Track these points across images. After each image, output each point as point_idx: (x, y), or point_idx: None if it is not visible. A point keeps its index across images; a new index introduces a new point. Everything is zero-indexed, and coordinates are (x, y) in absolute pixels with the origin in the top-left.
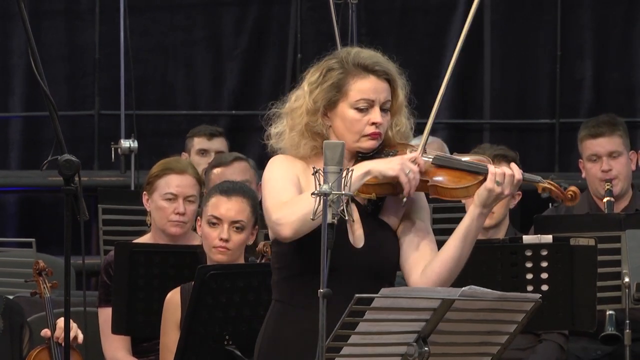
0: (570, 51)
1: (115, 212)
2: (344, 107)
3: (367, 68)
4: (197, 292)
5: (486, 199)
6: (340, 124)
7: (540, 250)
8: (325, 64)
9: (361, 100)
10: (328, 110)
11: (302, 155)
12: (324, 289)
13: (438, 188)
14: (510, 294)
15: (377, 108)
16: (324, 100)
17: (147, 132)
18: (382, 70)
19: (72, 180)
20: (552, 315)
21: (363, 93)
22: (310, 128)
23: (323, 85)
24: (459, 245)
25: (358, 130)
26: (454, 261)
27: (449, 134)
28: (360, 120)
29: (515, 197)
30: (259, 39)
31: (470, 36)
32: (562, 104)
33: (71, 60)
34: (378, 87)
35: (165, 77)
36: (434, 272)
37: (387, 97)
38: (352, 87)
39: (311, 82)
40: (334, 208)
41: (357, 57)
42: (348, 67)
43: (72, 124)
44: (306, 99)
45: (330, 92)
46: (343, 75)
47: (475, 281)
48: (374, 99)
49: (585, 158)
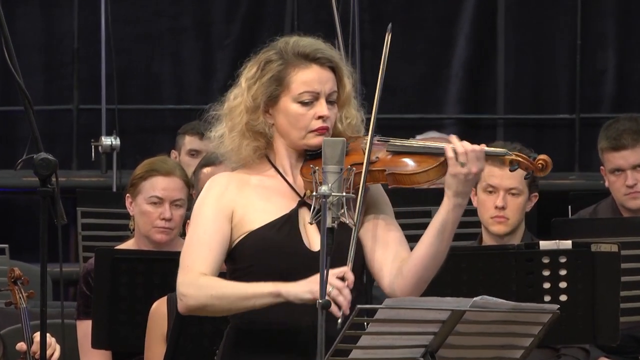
0: (591, 40)
1: (96, 216)
2: (286, 101)
3: (308, 56)
4: None
5: (457, 186)
6: (284, 120)
7: (558, 257)
8: (262, 56)
9: (305, 93)
10: (269, 106)
11: (245, 158)
12: (323, 299)
13: (396, 176)
14: (526, 305)
15: (322, 100)
16: (264, 95)
17: (131, 129)
18: (325, 58)
19: (48, 181)
20: (572, 327)
21: (306, 84)
22: (251, 127)
23: (262, 80)
24: (435, 241)
25: (304, 126)
26: (431, 259)
27: (459, 131)
28: (305, 115)
29: (532, 199)
30: (252, 26)
31: (482, 23)
32: (582, 98)
33: (47, 50)
34: (322, 76)
35: (150, 68)
36: (410, 272)
37: (332, 87)
38: (294, 79)
39: (249, 77)
40: (334, 211)
41: (296, 45)
42: (288, 58)
43: (48, 119)
44: (244, 96)
45: (270, 86)
46: (283, 67)
47: (488, 291)
48: (319, 91)
49: (608, 170)
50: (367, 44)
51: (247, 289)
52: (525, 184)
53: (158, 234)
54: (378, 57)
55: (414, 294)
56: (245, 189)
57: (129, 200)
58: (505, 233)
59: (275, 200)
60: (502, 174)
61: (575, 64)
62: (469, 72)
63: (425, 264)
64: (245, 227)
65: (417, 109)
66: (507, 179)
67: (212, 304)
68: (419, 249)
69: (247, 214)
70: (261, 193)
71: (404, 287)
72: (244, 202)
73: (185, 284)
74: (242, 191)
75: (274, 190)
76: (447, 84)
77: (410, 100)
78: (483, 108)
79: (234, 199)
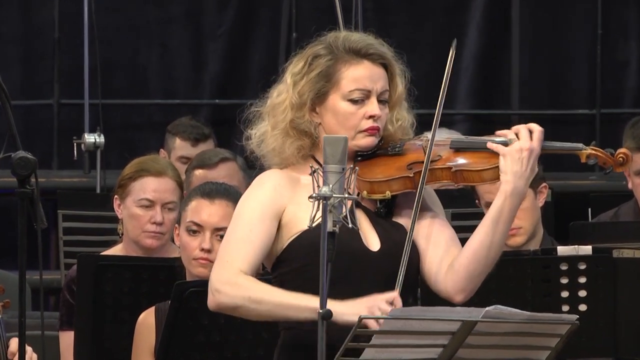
0: (613, 29)
1: (78, 219)
2: (335, 99)
3: (359, 52)
4: (175, 313)
5: (511, 165)
6: (332, 119)
7: (577, 263)
8: (310, 50)
9: (355, 91)
10: (317, 104)
11: (288, 158)
12: (323, 309)
13: (464, 173)
14: (543, 315)
15: (374, 99)
16: (311, 92)
17: (115, 125)
18: (378, 54)
19: (27, 182)
20: (592, 339)
21: (357, 82)
22: (296, 125)
23: (309, 75)
24: (489, 231)
25: (353, 126)
26: (485, 250)
27: (471, 127)
28: (355, 114)
29: (542, 192)
30: (246, 15)
31: (495, 11)
32: (603, 92)
33: (26, 40)
34: (374, 73)
35: (137, 60)
36: (461, 266)
37: (384, 85)
38: (344, 76)
39: (294, 72)
40: (335, 214)
41: (347, 40)
42: (338, 53)
43: (27, 115)
44: (290, 93)
45: (319, 82)
46: (332, 62)
47: (501, 300)
48: (370, 89)
49: (632, 171)
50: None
51: (289, 298)
52: None
53: (148, 239)
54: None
55: (467, 291)
56: (297, 187)
57: (117, 203)
58: (524, 243)
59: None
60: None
61: (595, 55)
62: (481, 65)
63: (478, 257)
64: (298, 226)
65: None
66: None
67: (247, 306)
68: (472, 240)
69: (299, 213)
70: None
71: (455, 283)
72: (297, 200)
73: (221, 281)
74: (295, 189)
75: None
76: (458, 77)
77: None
78: (496, 103)
79: (286, 196)
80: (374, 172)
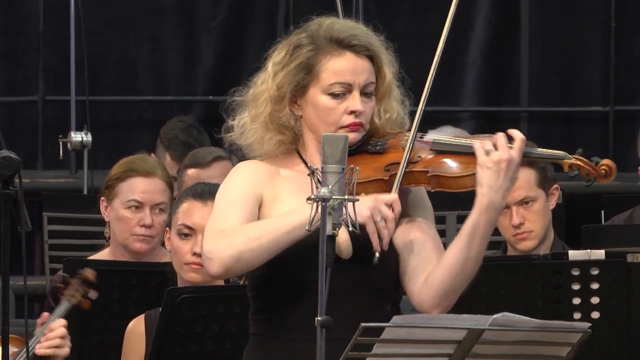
0: (627, 22)
1: (64, 222)
2: (315, 92)
3: (342, 43)
4: (166, 321)
5: (488, 178)
6: (313, 113)
7: (590, 268)
8: (293, 38)
9: (336, 84)
10: (297, 96)
11: (268, 153)
12: (322, 316)
13: (441, 179)
14: (553, 323)
15: (356, 93)
16: (290, 84)
17: (103, 123)
18: (362, 45)
19: (11, 182)
20: (605, 349)
21: (337, 75)
22: (276, 119)
23: (289, 66)
24: (464, 246)
25: (333, 121)
26: (460, 266)
27: (478, 125)
28: (335, 109)
29: (553, 194)
30: (241, 6)
31: (503, 4)
32: (617, 88)
33: (9, 33)
34: (357, 66)
35: (126, 54)
36: (436, 281)
37: (368, 78)
38: (324, 68)
39: (276, 62)
40: (334, 216)
41: (330, 29)
42: (319, 43)
43: (10, 112)
44: (269, 84)
45: (298, 74)
46: (313, 53)
47: (510, 307)
48: (352, 82)
49: None
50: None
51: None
52: (536, 186)
53: (137, 242)
54: (385, 41)
55: (442, 306)
56: (275, 179)
57: (104, 205)
58: (534, 247)
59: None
60: None
61: (609, 50)
62: (488, 60)
63: (454, 273)
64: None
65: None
66: (513, 191)
67: (249, 248)
68: (447, 255)
69: (274, 206)
70: (290, 188)
71: (430, 298)
72: (274, 192)
73: (212, 241)
74: (272, 181)
75: (303, 188)
76: (464, 73)
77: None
78: (504, 100)
79: (263, 184)
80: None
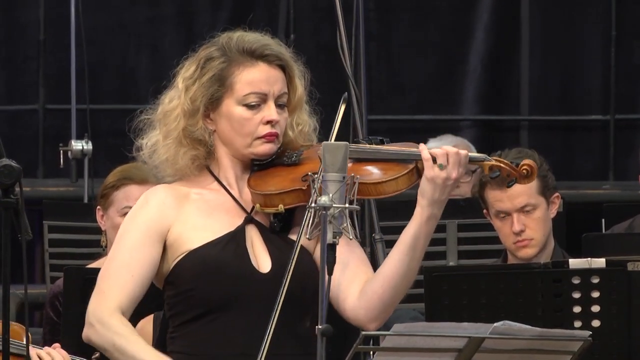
0: (627, 31)
1: (65, 230)
2: (229, 104)
3: (254, 53)
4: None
5: (433, 192)
6: (227, 125)
7: (590, 277)
8: (203, 53)
9: (251, 94)
10: (210, 110)
11: (182, 169)
12: (323, 324)
13: (360, 186)
14: (554, 331)
15: (271, 103)
16: (204, 97)
17: (104, 131)
18: (274, 55)
19: (11, 191)
20: (605, 357)
21: (252, 85)
22: (189, 134)
23: (202, 80)
24: (405, 258)
25: (249, 132)
26: (400, 278)
27: (478, 133)
28: (251, 120)
29: (554, 203)
30: (241, 15)
31: (503, 11)
32: (617, 97)
33: (10, 42)
34: (270, 76)
35: (126, 62)
36: (375, 294)
37: (282, 88)
38: (238, 79)
39: (186, 77)
40: (335, 225)
41: (241, 41)
42: (231, 55)
43: (11, 121)
44: (182, 99)
45: (212, 87)
46: (226, 65)
47: (510, 315)
48: (267, 92)
49: None
50: (373, 35)
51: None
52: (537, 193)
53: None
54: (385, 50)
55: (380, 319)
56: (185, 204)
57: (100, 213)
58: (535, 255)
59: (219, 217)
60: (507, 194)
61: (609, 58)
62: (488, 68)
63: (393, 285)
64: (183, 247)
65: (430, 110)
66: (515, 198)
67: (111, 352)
68: (386, 267)
69: (185, 232)
70: (202, 208)
71: (368, 311)
72: (183, 218)
73: (96, 316)
74: (181, 206)
75: (216, 206)
76: (464, 81)
77: (421, 99)
78: (504, 108)
79: (170, 215)
80: (267, 184)
